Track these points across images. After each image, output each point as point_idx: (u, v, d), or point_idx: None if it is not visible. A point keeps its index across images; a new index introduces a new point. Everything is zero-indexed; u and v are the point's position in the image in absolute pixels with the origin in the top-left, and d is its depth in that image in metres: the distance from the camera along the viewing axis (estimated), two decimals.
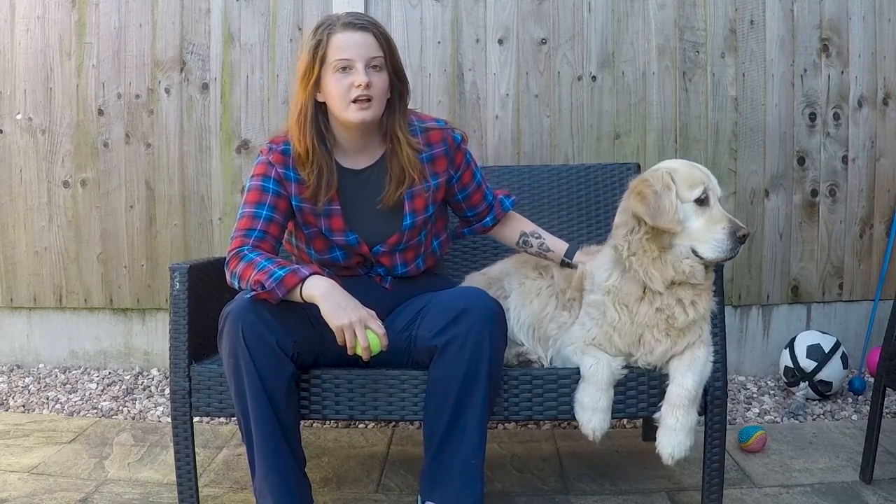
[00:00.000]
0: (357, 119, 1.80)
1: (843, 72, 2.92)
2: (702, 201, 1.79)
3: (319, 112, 1.85)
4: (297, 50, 2.95)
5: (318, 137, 1.83)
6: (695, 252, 1.78)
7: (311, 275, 1.69)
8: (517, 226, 2.10)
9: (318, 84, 1.81)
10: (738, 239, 1.75)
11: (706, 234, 1.77)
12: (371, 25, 1.82)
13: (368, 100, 1.79)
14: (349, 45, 1.78)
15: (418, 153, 1.89)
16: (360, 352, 1.65)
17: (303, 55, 1.84)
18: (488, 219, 2.08)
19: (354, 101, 1.78)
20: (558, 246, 2.04)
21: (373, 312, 1.68)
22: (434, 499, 1.72)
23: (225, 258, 1.81)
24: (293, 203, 1.88)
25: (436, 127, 1.95)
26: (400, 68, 1.88)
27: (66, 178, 3.06)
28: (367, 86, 1.77)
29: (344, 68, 1.78)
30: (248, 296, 1.70)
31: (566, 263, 2.02)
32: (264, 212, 1.83)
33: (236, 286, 1.76)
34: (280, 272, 1.67)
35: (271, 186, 1.86)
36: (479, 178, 2.04)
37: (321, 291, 1.66)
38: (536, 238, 2.07)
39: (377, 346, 1.66)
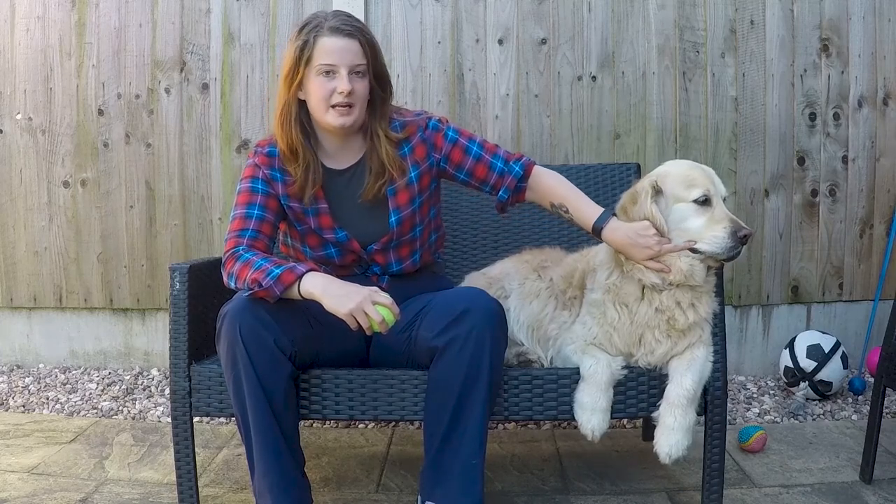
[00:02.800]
0: (336, 124, 1.81)
1: (843, 72, 2.92)
2: (703, 202, 1.79)
3: (303, 111, 1.86)
4: None
5: (302, 134, 1.85)
6: (693, 249, 1.78)
7: (307, 271, 1.69)
8: (544, 194, 1.93)
9: (301, 84, 1.82)
10: (740, 239, 1.74)
11: (706, 233, 1.77)
12: (357, 32, 1.81)
13: (349, 106, 1.80)
14: (335, 51, 1.78)
15: (398, 148, 1.89)
16: (377, 328, 1.65)
17: (288, 53, 1.83)
18: (501, 192, 1.93)
19: (334, 107, 1.80)
20: (585, 221, 1.86)
21: (374, 287, 1.69)
22: (434, 499, 1.72)
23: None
24: (283, 202, 1.89)
25: (413, 120, 1.94)
26: (382, 73, 1.88)
27: (66, 178, 3.06)
28: (350, 93, 1.78)
29: (328, 72, 1.79)
30: (246, 294, 1.70)
31: (597, 231, 1.85)
32: (255, 211, 1.85)
33: (233, 286, 1.77)
34: (277, 270, 1.68)
35: (260, 187, 1.88)
36: (476, 151, 1.93)
37: (319, 288, 1.67)
38: (565, 212, 1.90)
39: (391, 317, 1.66)
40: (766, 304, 3.00)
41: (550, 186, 1.93)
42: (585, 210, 1.87)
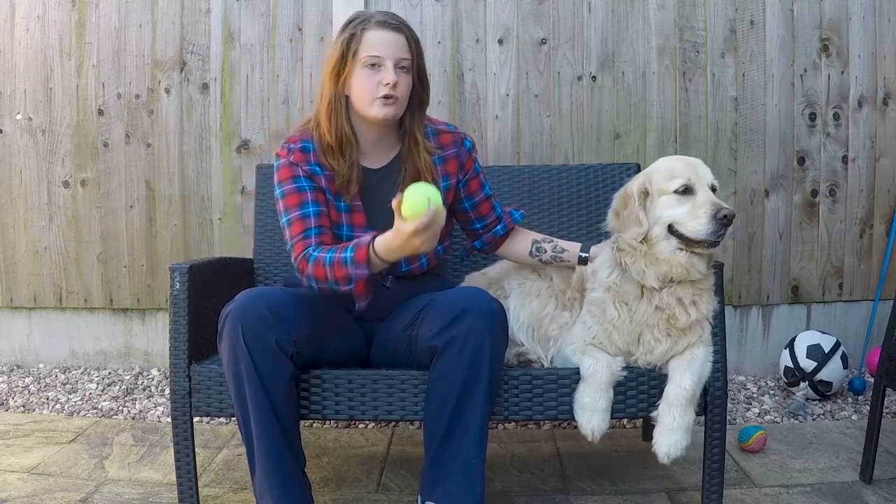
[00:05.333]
0: (381, 115, 1.82)
1: (843, 72, 2.92)
2: (683, 191, 1.79)
3: (347, 105, 1.87)
4: (297, 50, 2.96)
5: (350, 128, 1.87)
6: (679, 235, 1.78)
7: (371, 240, 1.70)
8: (527, 236, 2.10)
9: (347, 77, 1.83)
10: (720, 220, 1.73)
11: (689, 219, 1.77)
12: (404, 27, 1.85)
13: (393, 98, 1.82)
14: (381, 43, 1.81)
15: (432, 156, 1.92)
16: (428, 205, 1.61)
17: (333, 48, 1.86)
18: (499, 227, 2.07)
19: (379, 98, 1.81)
20: (571, 245, 2.04)
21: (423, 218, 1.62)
22: (434, 499, 1.72)
23: (295, 263, 1.82)
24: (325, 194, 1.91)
25: (447, 130, 1.98)
26: (423, 73, 1.91)
27: (66, 178, 3.06)
28: (395, 85, 1.80)
29: (373, 65, 1.80)
30: (348, 288, 1.72)
31: (582, 260, 2.00)
32: (311, 209, 1.85)
33: (315, 288, 1.79)
34: (348, 255, 1.70)
35: (305, 184, 1.88)
36: (487, 190, 2.06)
37: (397, 252, 1.67)
38: (549, 243, 2.06)
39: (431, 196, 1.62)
40: (766, 304, 3.00)
41: (532, 232, 2.12)
42: (568, 242, 2.06)
